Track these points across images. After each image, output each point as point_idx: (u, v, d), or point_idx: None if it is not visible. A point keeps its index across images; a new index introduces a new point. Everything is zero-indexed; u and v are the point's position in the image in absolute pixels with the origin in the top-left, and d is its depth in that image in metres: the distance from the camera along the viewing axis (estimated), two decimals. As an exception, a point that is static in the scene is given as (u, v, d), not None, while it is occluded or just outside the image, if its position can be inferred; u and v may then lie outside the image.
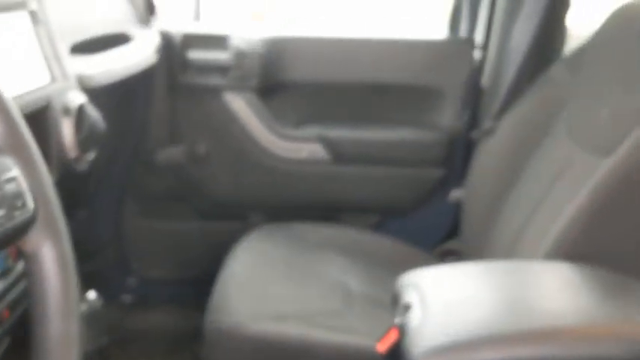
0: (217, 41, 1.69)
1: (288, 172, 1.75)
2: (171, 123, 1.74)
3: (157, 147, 1.75)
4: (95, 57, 1.19)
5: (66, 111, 0.97)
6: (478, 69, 1.71)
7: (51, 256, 0.60)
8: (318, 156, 1.73)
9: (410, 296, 0.89)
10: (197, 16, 1.77)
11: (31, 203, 0.57)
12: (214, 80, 1.70)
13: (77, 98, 1.00)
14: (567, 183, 1.15)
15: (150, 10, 1.57)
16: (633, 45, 1.15)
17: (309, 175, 1.75)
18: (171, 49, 1.67)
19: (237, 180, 1.77)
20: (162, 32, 1.63)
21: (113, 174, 1.71)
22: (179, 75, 1.70)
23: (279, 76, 1.73)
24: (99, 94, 1.14)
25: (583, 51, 1.31)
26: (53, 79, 0.97)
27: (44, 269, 0.60)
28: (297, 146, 1.73)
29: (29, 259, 0.60)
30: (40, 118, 0.92)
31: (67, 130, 0.96)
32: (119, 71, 1.27)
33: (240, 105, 1.70)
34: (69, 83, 1.01)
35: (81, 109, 0.98)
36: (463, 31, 1.76)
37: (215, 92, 1.71)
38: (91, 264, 1.67)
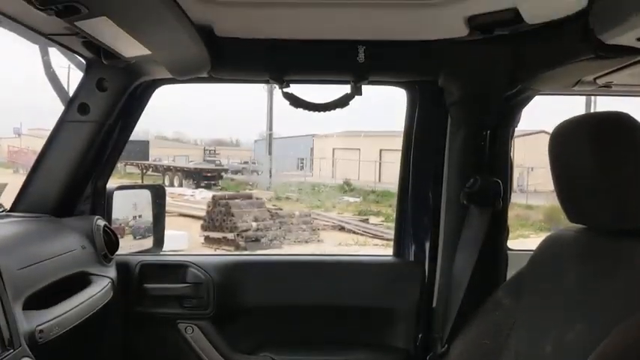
0: (174, 270, 1.74)
1: None
2: (125, 351, 1.72)
3: None
4: (49, 310, 1.20)
5: None
6: (428, 291, 1.76)
7: None
8: None
9: None
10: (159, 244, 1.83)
11: None
12: (170, 309, 1.72)
13: None
14: None
15: (111, 249, 1.59)
16: (565, 273, 1.20)
17: None
18: (129, 280, 1.70)
19: None
20: (120, 263, 1.67)
21: None
22: (135, 304, 1.71)
23: (233, 303, 1.75)
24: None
25: (522, 277, 1.36)
26: (3, 350, 0.97)
27: None
28: None
29: None
30: None
31: None
32: (73, 319, 1.27)
33: (195, 333, 1.71)
34: (20, 350, 1.01)
35: None
36: (410, 253, 1.82)
37: (170, 321, 1.72)
38: None
